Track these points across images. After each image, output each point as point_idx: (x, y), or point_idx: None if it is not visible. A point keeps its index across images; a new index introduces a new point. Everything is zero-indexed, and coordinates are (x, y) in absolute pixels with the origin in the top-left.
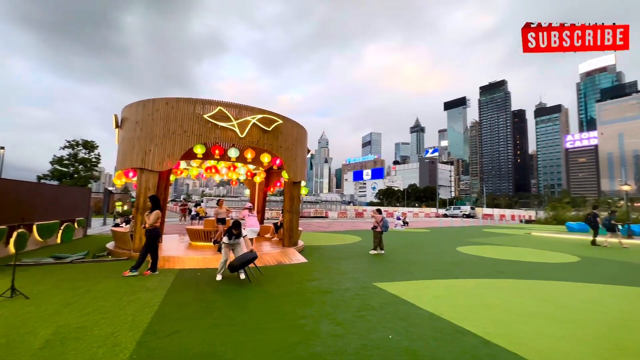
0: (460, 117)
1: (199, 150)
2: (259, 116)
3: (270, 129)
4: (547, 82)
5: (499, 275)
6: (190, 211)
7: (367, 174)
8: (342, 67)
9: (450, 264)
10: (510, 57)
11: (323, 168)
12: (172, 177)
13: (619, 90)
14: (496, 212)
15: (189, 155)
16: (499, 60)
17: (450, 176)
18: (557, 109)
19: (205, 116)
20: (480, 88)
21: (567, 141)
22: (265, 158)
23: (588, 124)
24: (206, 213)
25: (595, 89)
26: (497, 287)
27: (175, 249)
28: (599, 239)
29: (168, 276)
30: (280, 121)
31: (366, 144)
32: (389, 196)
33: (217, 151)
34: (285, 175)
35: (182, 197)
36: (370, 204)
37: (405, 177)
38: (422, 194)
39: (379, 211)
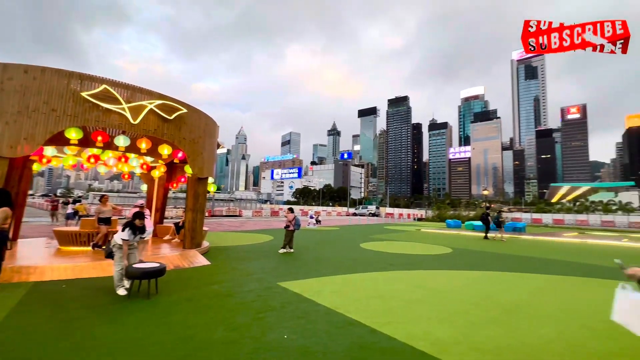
0: (372, 125)
1: (74, 134)
2: (158, 102)
3: (171, 118)
4: (439, 102)
5: (390, 268)
6: (57, 208)
7: (285, 172)
8: (264, 63)
9: (352, 260)
10: (414, 76)
11: (240, 165)
12: (36, 167)
13: (485, 115)
14: (396, 211)
15: (61, 141)
16: (405, 77)
17: (361, 178)
18: (444, 125)
19: (84, 94)
20: (388, 100)
21: (450, 153)
22: (165, 150)
23: (465, 140)
24: (88, 211)
25: (470, 112)
26: (387, 278)
27: (35, 256)
28: (490, 234)
29: (14, 292)
30: (185, 110)
31: (285, 142)
32: (305, 195)
33: (99, 137)
34: (188, 170)
35: (58, 191)
36: (287, 202)
37: (321, 178)
38: (336, 194)
39: (291, 210)
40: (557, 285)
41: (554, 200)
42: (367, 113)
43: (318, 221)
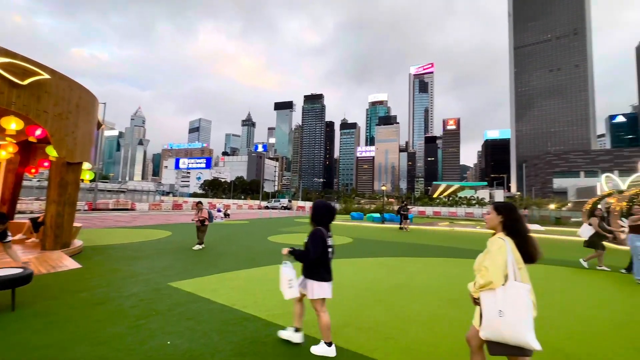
0: (287, 119)
1: None
2: (2, 60)
3: (24, 83)
4: (350, 103)
5: (294, 260)
6: None
7: (192, 162)
8: (170, 36)
9: (257, 253)
10: (329, 75)
11: (136, 151)
12: None
13: (388, 119)
14: (307, 204)
15: None
16: (321, 75)
17: (275, 171)
18: (354, 125)
19: None
20: (305, 97)
21: (358, 151)
22: (12, 124)
23: (371, 140)
24: None
25: (376, 115)
26: None
27: None
28: (400, 225)
29: None
30: (47, 76)
31: (194, 129)
32: (215, 187)
33: None
34: (52, 152)
35: None
36: (194, 195)
37: (233, 169)
38: (249, 187)
39: (200, 204)
40: (430, 267)
41: (434, 195)
42: (284, 107)
43: (226, 215)
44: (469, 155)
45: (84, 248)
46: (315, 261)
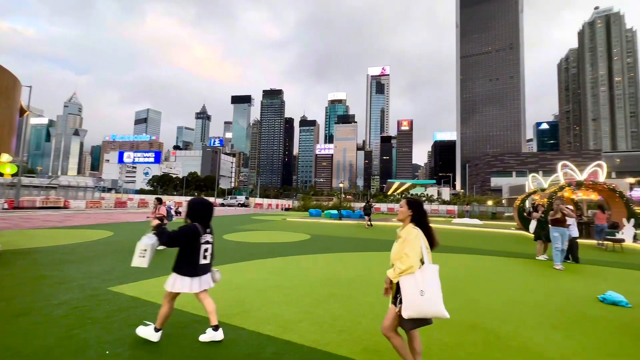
0: (245, 114)
1: None
2: None
3: None
4: (310, 100)
5: (249, 257)
6: None
7: (139, 156)
8: (113, 15)
9: None
10: (290, 71)
11: (71, 142)
12: None
13: (346, 118)
14: (265, 201)
15: None
16: (281, 71)
17: (232, 167)
18: (313, 123)
19: None
20: (264, 91)
21: (317, 149)
22: None
23: (329, 138)
24: None
25: (335, 113)
26: (245, 268)
27: None
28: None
29: None
30: None
31: (141, 120)
32: (165, 183)
33: None
34: None
35: None
36: (141, 191)
37: (186, 165)
38: (203, 183)
39: (160, 200)
40: (385, 260)
41: (389, 193)
42: (242, 100)
43: (178, 213)
44: (421, 154)
45: (1, 252)
46: (182, 255)
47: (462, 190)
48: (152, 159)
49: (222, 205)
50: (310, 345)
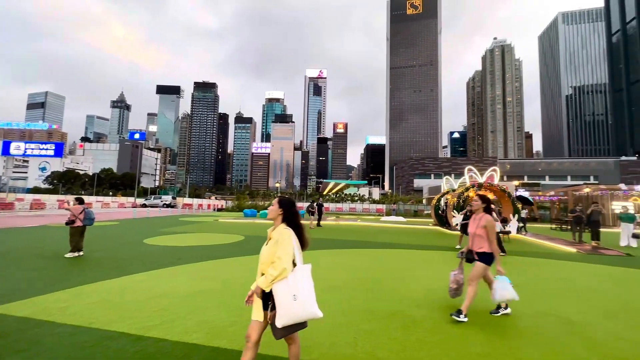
0: (174, 106)
1: None
2: None
3: None
4: (248, 96)
5: (177, 262)
6: None
7: (33, 147)
8: None
9: (128, 260)
10: (225, 65)
11: None
12: None
13: (284, 117)
14: (195, 201)
15: None
16: (217, 63)
17: (157, 164)
18: (250, 120)
19: None
20: (195, 83)
21: (253, 147)
22: None
23: (267, 136)
24: None
25: (273, 112)
26: (171, 274)
27: None
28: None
29: None
30: None
31: (37, 105)
32: (69, 181)
33: None
34: None
35: None
36: (35, 190)
37: (98, 160)
38: (120, 181)
39: (80, 201)
40: (317, 258)
41: (325, 192)
42: (170, 91)
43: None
44: (354, 156)
45: None
46: None
47: (390, 191)
48: (51, 152)
49: (144, 206)
50: (241, 349)
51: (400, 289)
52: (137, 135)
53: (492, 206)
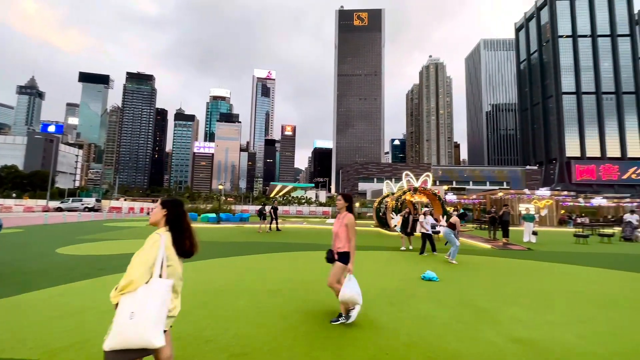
0: (100, 96)
1: None
2: None
3: None
4: (190, 92)
5: (97, 274)
6: None
7: None
8: None
9: (35, 273)
10: (165, 56)
11: None
12: None
13: (230, 117)
14: (126, 204)
15: None
16: (154, 54)
17: (77, 162)
18: (192, 118)
19: None
20: (128, 74)
21: (195, 146)
22: None
23: (210, 136)
24: None
25: (218, 110)
26: (89, 287)
27: None
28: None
29: None
30: None
31: None
32: None
33: None
34: None
35: None
36: None
37: None
38: (29, 181)
39: None
40: (258, 263)
41: (271, 195)
42: (95, 80)
43: None
44: (302, 159)
45: None
46: None
47: (336, 194)
48: None
49: (60, 210)
50: None
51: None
52: (52, 128)
53: (427, 209)
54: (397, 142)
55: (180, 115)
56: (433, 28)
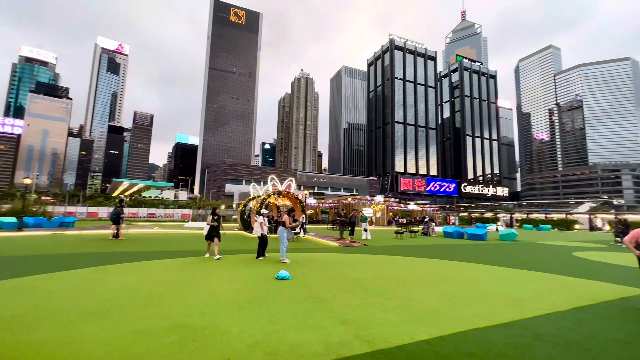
0: None
1: None
2: None
3: None
4: None
5: None
6: None
7: None
8: None
9: None
10: None
11: None
12: None
13: (54, 89)
14: None
15: None
16: None
17: None
18: None
19: None
20: None
21: None
22: None
23: (16, 110)
24: None
25: (33, 78)
26: None
27: None
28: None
29: None
30: None
31: None
32: None
33: None
34: None
35: None
36: None
37: None
38: None
39: None
40: (80, 280)
41: (114, 194)
42: None
43: None
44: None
45: None
46: None
47: (200, 195)
48: None
49: None
50: None
51: (186, 299)
52: None
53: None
54: (267, 146)
55: None
56: (309, 46)
